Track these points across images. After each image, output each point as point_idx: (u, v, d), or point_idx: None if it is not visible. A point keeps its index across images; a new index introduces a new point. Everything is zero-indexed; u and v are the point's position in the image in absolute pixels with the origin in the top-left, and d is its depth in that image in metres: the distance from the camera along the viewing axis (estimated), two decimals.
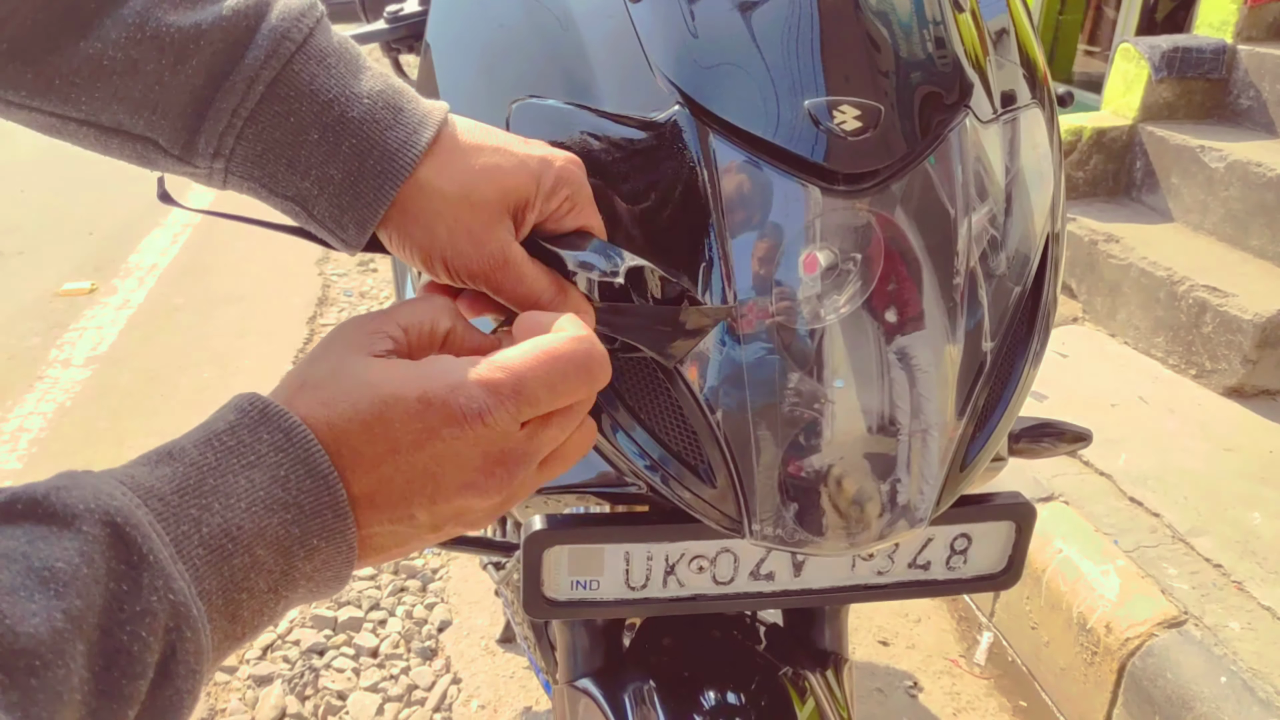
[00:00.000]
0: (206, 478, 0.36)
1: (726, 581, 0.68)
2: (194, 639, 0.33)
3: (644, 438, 0.58)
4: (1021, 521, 0.70)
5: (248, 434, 0.38)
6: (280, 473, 0.38)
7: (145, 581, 0.32)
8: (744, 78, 0.56)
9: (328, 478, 0.39)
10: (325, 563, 0.40)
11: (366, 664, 1.81)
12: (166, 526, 0.34)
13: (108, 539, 0.32)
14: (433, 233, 0.49)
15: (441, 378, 0.42)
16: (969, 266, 0.58)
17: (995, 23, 0.69)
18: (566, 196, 0.52)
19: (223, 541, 0.35)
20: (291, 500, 0.38)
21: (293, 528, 0.38)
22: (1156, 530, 1.93)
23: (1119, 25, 4.67)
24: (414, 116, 0.50)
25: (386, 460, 0.40)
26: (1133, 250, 2.69)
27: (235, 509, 0.36)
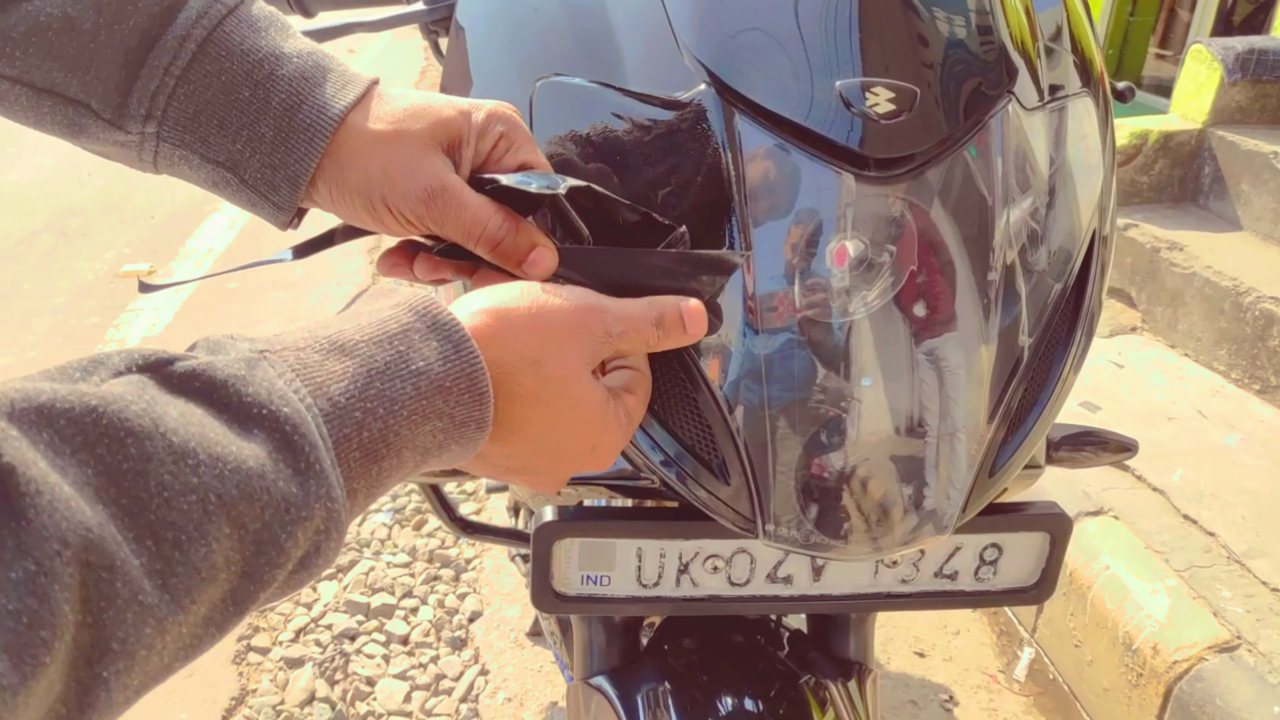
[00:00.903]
0: (374, 381, 0.38)
1: (742, 583, 0.65)
2: (338, 538, 0.36)
3: (659, 431, 0.56)
4: (1056, 533, 0.66)
5: (420, 340, 0.40)
6: (446, 383, 0.40)
7: (311, 489, 0.34)
8: (774, 56, 0.53)
9: (484, 396, 0.42)
10: (453, 459, 0.43)
11: (396, 651, 1.81)
12: (331, 428, 0.35)
13: (280, 444, 0.33)
14: (366, 172, 0.50)
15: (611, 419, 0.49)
16: (1007, 261, 0.55)
17: (1047, 9, 0.65)
18: (501, 134, 0.52)
19: (378, 446, 0.37)
20: (446, 411, 0.40)
21: (439, 434, 0.40)
22: (1211, 550, 1.86)
23: (1193, 28, 4.53)
24: (343, 75, 0.51)
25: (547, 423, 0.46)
26: (1197, 259, 2.59)
27: (397, 416, 0.38)
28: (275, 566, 0.33)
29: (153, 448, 0.29)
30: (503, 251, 0.51)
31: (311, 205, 0.53)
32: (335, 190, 0.51)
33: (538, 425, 0.46)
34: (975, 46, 0.56)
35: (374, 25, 0.91)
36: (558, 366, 0.45)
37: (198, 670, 1.74)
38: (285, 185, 0.50)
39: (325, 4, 1.00)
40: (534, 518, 0.62)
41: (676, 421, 0.56)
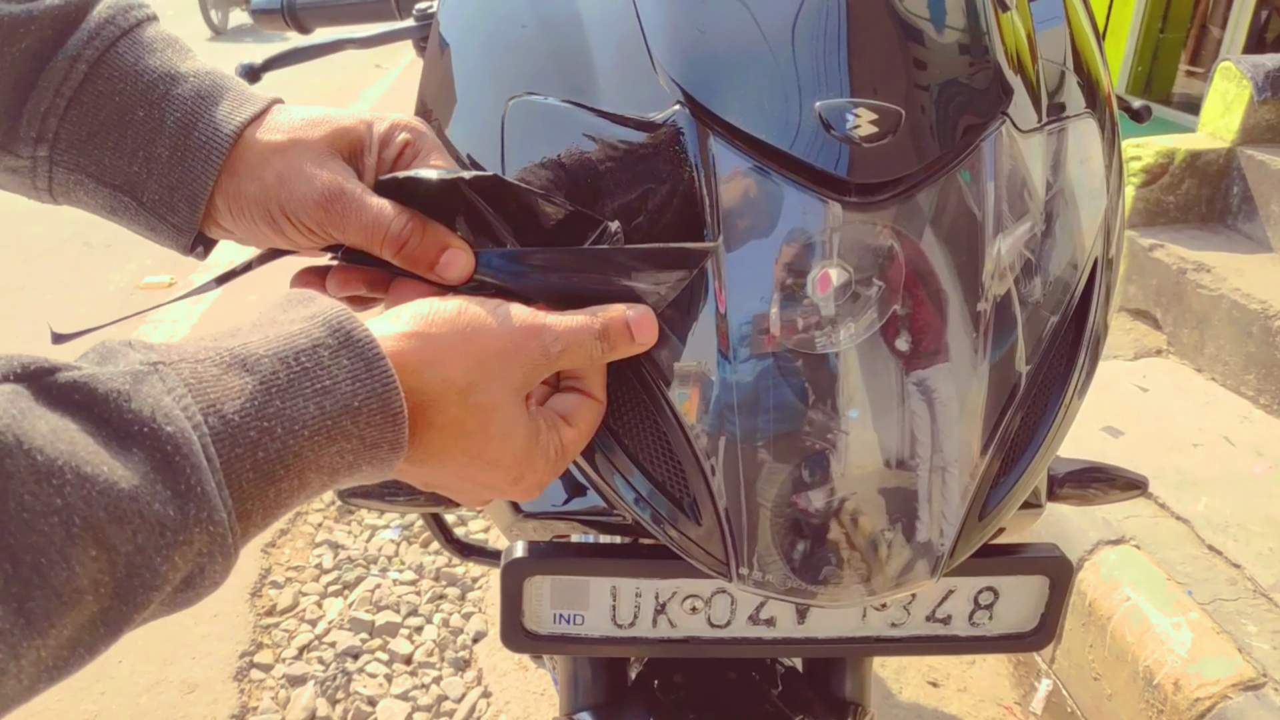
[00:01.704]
0: (274, 399, 0.36)
1: (723, 624, 0.62)
2: (224, 560, 0.34)
3: (628, 466, 0.53)
4: (1056, 577, 0.63)
5: (328, 356, 0.38)
6: (354, 404, 0.38)
7: (190, 512, 0.32)
8: (752, 76, 0.51)
9: (398, 418, 0.39)
10: (365, 477, 0.41)
11: (399, 670, 1.79)
12: (222, 447, 0.33)
13: (159, 465, 0.31)
14: (263, 182, 0.48)
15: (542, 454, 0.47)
16: (1001, 288, 0.52)
17: (1048, 26, 0.62)
18: (407, 142, 0.51)
19: (275, 467, 0.35)
20: (356, 432, 0.38)
21: (348, 455, 0.38)
22: (1236, 583, 1.80)
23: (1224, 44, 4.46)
24: (242, 94, 0.50)
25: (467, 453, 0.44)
26: (1225, 281, 2.53)
27: (298, 436, 0.36)
28: (150, 589, 0.31)
29: (14, 465, 0.28)
30: (411, 254, 0.48)
31: (214, 228, 0.52)
32: (234, 205, 0.49)
33: (458, 455, 0.43)
34: (967, 66, 0.53)
35: (366, 41, 0.90)
36: (486, 396, 0.43)
37: (199, 686, 1.73)
38: (184, 205, 0.49)
39: (321, 20, 0.99)
40: (503, 554, 0.60)
41: (647, 457, 0.53)
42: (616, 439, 0.53)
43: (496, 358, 0.43)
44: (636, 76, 0.53)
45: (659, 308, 0.50)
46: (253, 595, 1.96)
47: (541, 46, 0.57)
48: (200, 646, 1.82)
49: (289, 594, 1.96)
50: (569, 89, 0.55)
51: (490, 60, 0.60)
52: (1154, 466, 2.12)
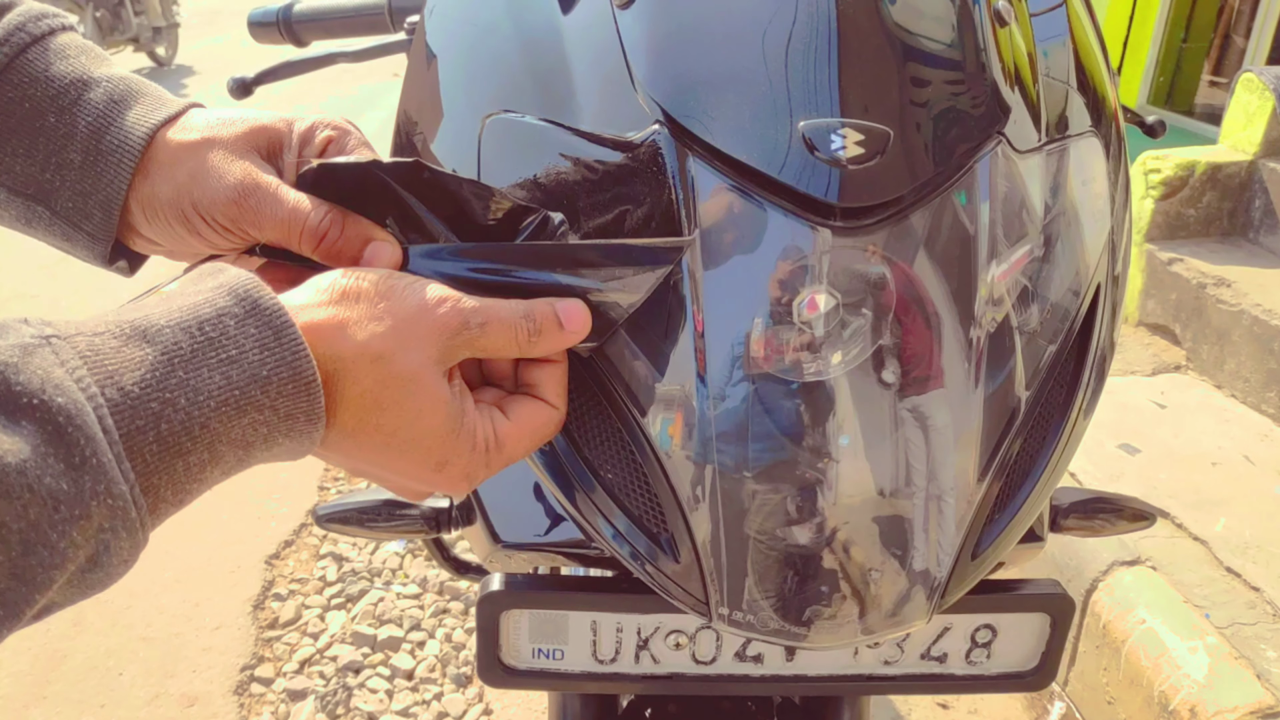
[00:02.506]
0: (177, 369, 0.34)
1: (708, 661, 0.60)
2: (129, 538, 0.32)
3: (604, 500, 0.51)
4: (1058, 615, 0.60)
5: (234, 325, 0.36)
6: (262, 373, 0.36)
7: (86, 485, 0.30)
8: (734, 95, 0.49)
9: (311, 387, 0.37)
10: (284, 453, 0.39)
11: (400, 686, 1.77)
12: (121, 419, 0.32)
13: (50, 437, 0.30)
14: (175, 181, 0.47)
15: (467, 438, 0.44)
16: (997, 313, 0.50)
17: (1051, 42, 0.60)
18: (329, 139, 0.50)
19: (181, 439, 0.34)
20: (267, 403, 0.36)
21: (262, 428, 0.36)
22: (1255, 606, 1.75)
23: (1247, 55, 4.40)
24: (158, 98, 0.49)
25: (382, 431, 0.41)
26: (1246, 296, 2.49)
27: (203, 408, 0.34)
28: (50, 568, 0.30)
29: None
30: (331, 249, 0.46)
31: (136, 238, 0.50)
32: (149, 209, 0.48)
33: (374, 433, 0.41)
34: (962, 84, 0.51)
35: (358, 55, 0.89)
36: (402, 364, 0.40)
37: (199, 700, 1.71)
38: (98, 211, 0.48)
39: (316, 33, 0.98)
40: (480, 586, 0.58)
41: (624, 490, 0.51)
42: (593, 471, 0.51)
43: (411, 324, 0.41)
44: (616, 95, 0.51)
45: (620, 318, 0.48)
46: (255, 608, 1.94)
47: (521, 62, 0.55)
48: (201, 659, 1.81)
49: (292, 607, 1.95)
50: (547, 107, 0.53)
51: (470, 74, 0.59)
52: (1171, 485, 2.07)
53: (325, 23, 0.96)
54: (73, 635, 1.85)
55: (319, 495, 2.31)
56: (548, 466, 0.52)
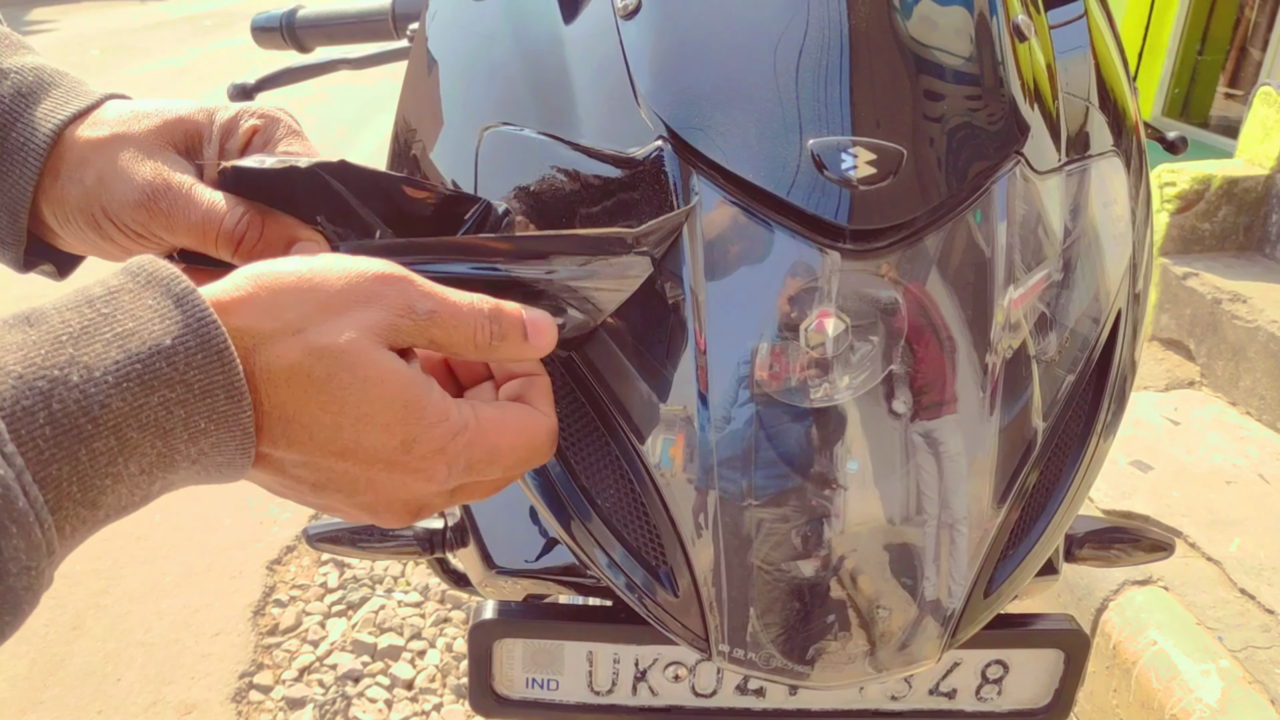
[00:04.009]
0: (66, 347, 0.30)
1: (708, 694, 0.58)
2: (21, 534, 0.28)
3: (600, 529, 0.49)
4: (1072, 651, 0.58)
5: (129, 299, 0.32)
6: (165, 342, 0.32)
7: None
8: (741, 111, 0.47)
9: (223, 355, 0.33)
10: (215, 446, 0.34)
11: (400, 696, 1.75)
12: (4, 397, 0.28)
13: None
14: (83, 184, 0.44)
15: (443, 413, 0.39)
16: (1013, 342, 0.48)
17: (1071, 55, 0.58)
18: (254, 129, 0.46)
19: (79, 421, 0.30)
20: (177, 377, 0.32)
21: (176, 408, 0.32)
22: (1270, 629, 1.72)
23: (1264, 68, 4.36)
24: (71, 90, 0.46)
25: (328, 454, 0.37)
26: (1262, 312, 2.45)
27: (100, 384, 0.30)
28: None
29: None
30: (251, 252, 0.43)
31: (57, 240, 0.47)
32: (59, 212, 0.45)
33: (319, 415, 0.35)
34: (979, 102, 0.49)
35: (360, 62, 0.87)
36: (329, 335, 0.35)
37: (197, 707, 1.70)
38: (4, 215, 0.45)
39: (319, 39, 0.97)
40: (472, 614, 0.56)
41: (621, 519, 0.49)
42: (589, 499, 0.49)
43: (341, 297, 0.36)
44: (618, 109, 0.49)
45: (590, 323, 0.45)
46: (255, 614, 1.93)
47: (521, 73, 0.53)
48: (200, 666, 1.79)
49: (292, 613, 1.94)
50: (547, 119, 0.51)
51: (470, 84, 0.57)
52: (1184, 504, 2.04)
53: (328, 29, 0.94)
54: (71, 640, 1.84)
55: None
56: (543, 493, 0.50)
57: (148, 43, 9.44)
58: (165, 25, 10.72)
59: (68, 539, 0.30)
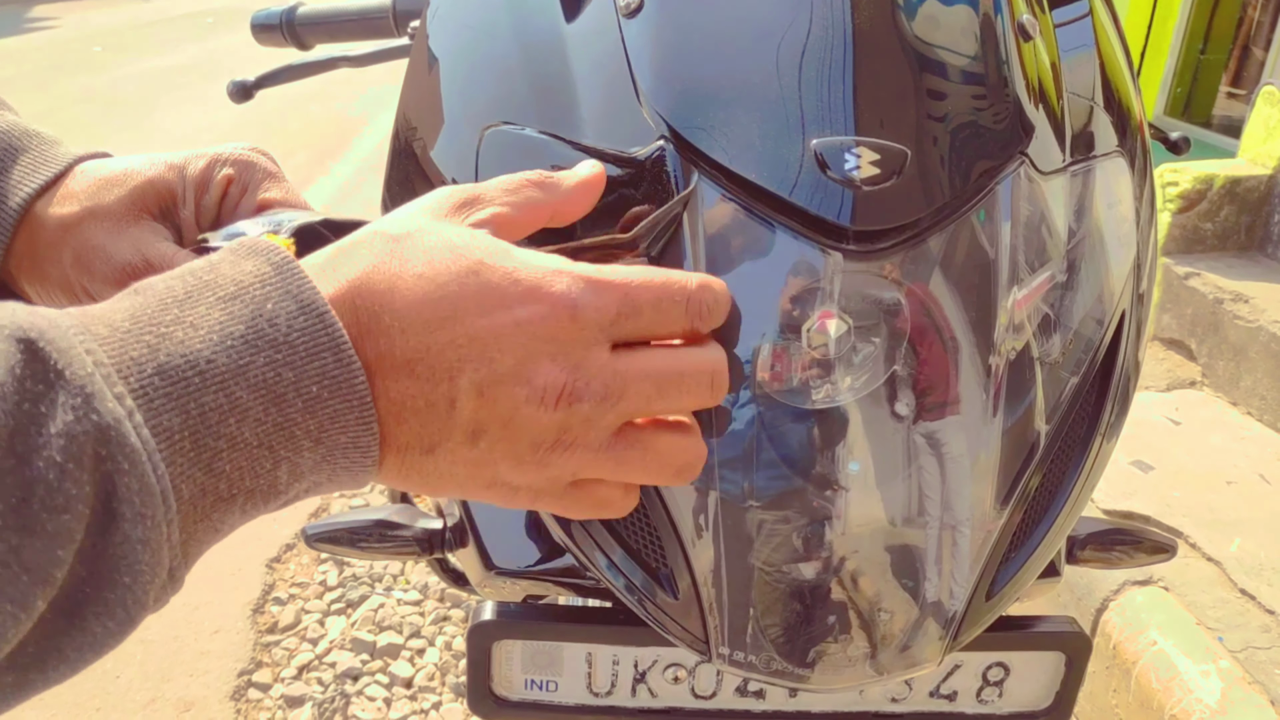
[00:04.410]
0: (170, 309, 0.30)
1: (708, 696, 0.58)
2: (135, 472, 0.27)
3: (599, 530, 0.49)
4: (1073, 653, 0.58)
5: (229, 267, 0.32)
6: (266, 307, 0.31)
7: (61, 400, 0.26)
8: (744, 111, 0.46)
9: (324, 315, 0.32)
10: (333, 420, 0.32)
11: (399, 694, 1.75)
12: (110, 350, 0.28)
13: (18, 354, 0.26)
14: (61, 266, 0.43)
15: (537, 261, 0.35)
16: (1016, 344, 0.48)
17: (1076, 54, 0.58)
18: (229, 179, 0.45)
19: (187, 374, 0.29)
20: (281, 338, 0.31)
21: (284, 370, 0.31)
22: (1270, 630, 1.72)
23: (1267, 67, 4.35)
24: (38, 156, 0.45)
25: (441, 327, 0.33)
26: (1264, 312, 2.45)
27: (206, 340, 0.30)
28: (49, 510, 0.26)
29: None
30: None
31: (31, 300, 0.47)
32: (41, 290, 0.44)
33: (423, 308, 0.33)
34: (984, 101, 0.49)
35: (360, 60, 0.87)
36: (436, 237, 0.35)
37: (195, 705, 1.70)
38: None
39: (320, 37, 0.97)
40: (470, 615, 0.55)
41: (621, 521, 0.49)
42: None
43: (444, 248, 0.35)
44: (620, 109, 0.49)
45: None
46: (255, 612, 1.93)
47: (522, 71, 0.53)
48: (199, 664, 1.79)
49: (291, 611, 1.94)
50: (548, 119, 0.51)
51: (470, 82, 0.57)
52: (1185, 504, 2.04)
53: (329, 26, 0.94)
54: None
55: (321, 499, 2.29)
56: None
57: (150, 40, 9.44)
58: (167, 22, 10.71)
59: (186, 505, 0.29)
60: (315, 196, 4.65)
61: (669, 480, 0.39)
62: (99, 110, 6.31)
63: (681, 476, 0.39)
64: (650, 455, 0.37)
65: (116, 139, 5.54)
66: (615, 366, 0.35)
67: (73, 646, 0.28)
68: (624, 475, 0.37)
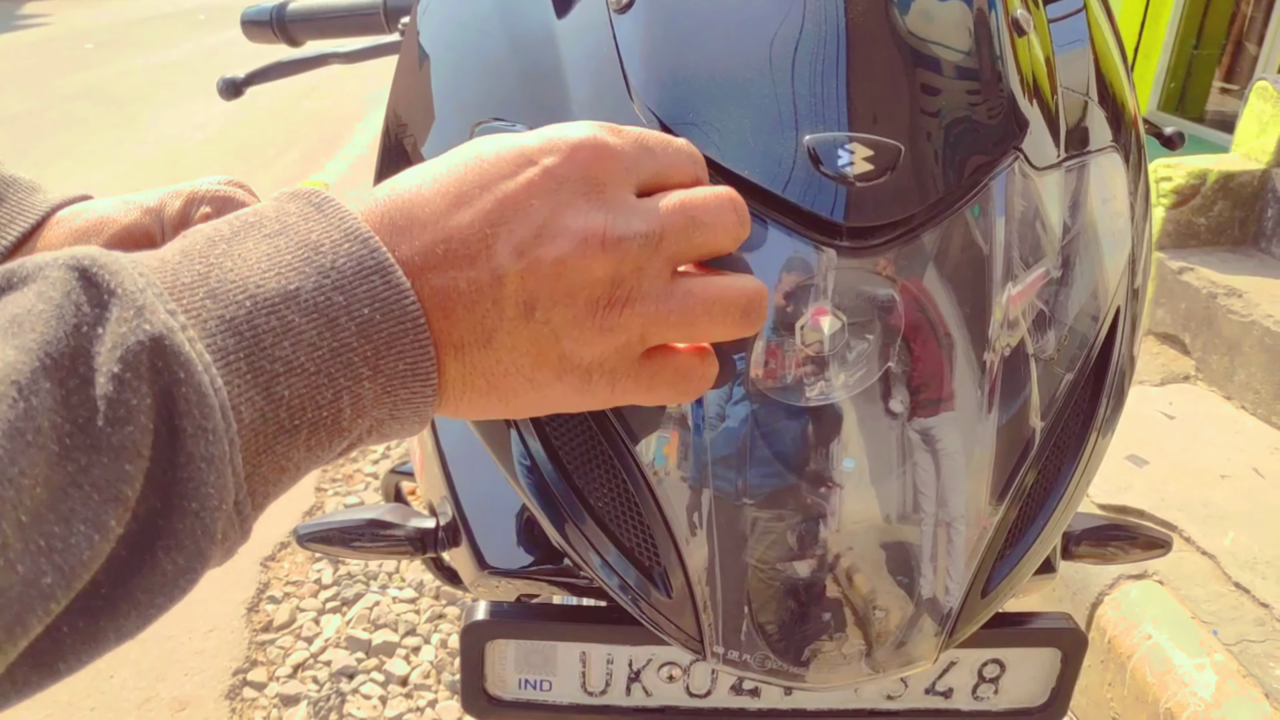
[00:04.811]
0: (218, 244, 0.30)
1: (702, 694, 0.57)
2: (191, 382, 0.27)
3: (593, 530, 0.48)
4: (1069, 650, 0.58)
5: (272, 209, 0.32)
6: (311, 238, 0.31)
7: (115, 315, 0.27)
8: (736, 106, 0.46)
9: (368, 240, 0.32)
10: (389, 345, 0.31)
11: (394, 692, 1.75)
12: (162, 276, 0.29)
13: (74, 280, 0.27)
14: None
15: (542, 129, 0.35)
16: (1010, 340, 0.47)
17: (1070, 49, 0.57)
18: (206, 217, 0.46)
19: (238, 297, 0.29)
20: (328, 264, 0.31)
21: (334, 294, 0.31)
22: (1265, 623, 1.72)
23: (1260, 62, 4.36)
24: (15, 207, 0.45)
25: (466, 203, 0.33)
26: (1257, 306, 2.45)
27: (255, 268, 0.30)
28: (113, 423, 0.26)
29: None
30: None
31: None
32: None
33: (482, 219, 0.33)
34: (978, 97, 0.49)
35: (351, 57, 0.86)
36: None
37: (190, 704, 1.69)
38: None
39: (310, 33, 0.96)
40: (463, 615, 0.55)
41: (614, 519, 0.48)
42: (582, 500, 0.48)
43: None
44: (611, 104, 0.48)
45: None
46: (249, 610, 1.92)
47: (513, 67, 0.53)
48: (193, 662, 1.78)
49: (286, 609, 1.93)
50: (539, 115, 0.50)
51: (461, 78, 0.56)
52: (1179, 498, 2.04)
53: (319, 22, 0.93)
54: None
55: (315, 497, 2.29)
56: (535, 493, 0.49)
57: (141, 36, 9.40)
58: (159, 19, 10.67)
59: (247, 429, 0.29)
60: None
61: (738, 327, 0.36)
62: (91, 107, 6.29)
63: (749, 318, 0.36)
64: (712, 298, 0.35)
65: (109, 136, 5.51)
66: (647, 205, 0.35)
67: (143, 587, 0.28)
68: (691, 329, 0.35)
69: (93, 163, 4.99)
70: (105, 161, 5.04)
